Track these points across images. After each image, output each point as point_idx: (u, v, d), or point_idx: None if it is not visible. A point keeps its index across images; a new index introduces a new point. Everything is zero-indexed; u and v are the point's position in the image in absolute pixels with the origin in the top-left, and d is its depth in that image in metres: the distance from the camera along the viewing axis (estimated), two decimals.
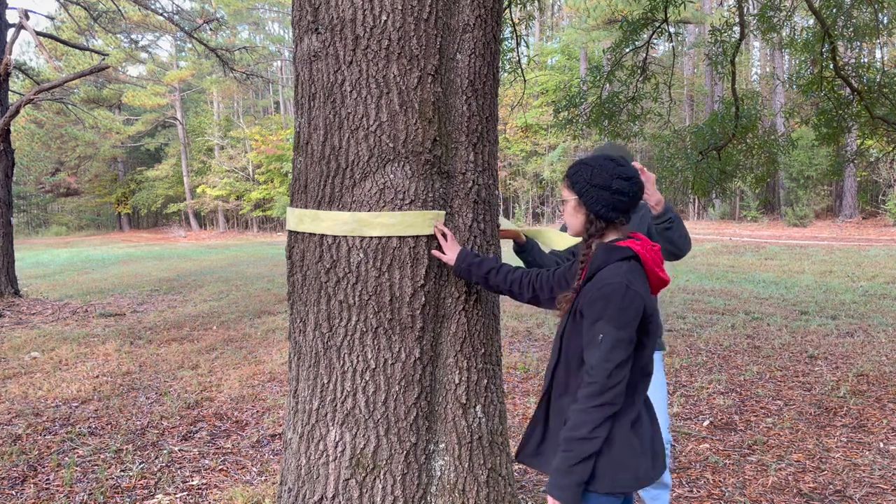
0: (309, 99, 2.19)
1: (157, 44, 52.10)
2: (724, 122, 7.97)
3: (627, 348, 1.66)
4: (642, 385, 1.79)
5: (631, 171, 1.79)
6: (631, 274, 1.70)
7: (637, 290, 1.67)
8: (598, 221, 1.80)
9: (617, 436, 1.71)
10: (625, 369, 1.66)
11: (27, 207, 41.32)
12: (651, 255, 1.75)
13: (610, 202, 1.76)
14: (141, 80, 35.38)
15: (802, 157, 24.62)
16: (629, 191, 1.76)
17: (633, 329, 1.66)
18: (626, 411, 1.73)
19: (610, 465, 1.70)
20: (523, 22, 9.67)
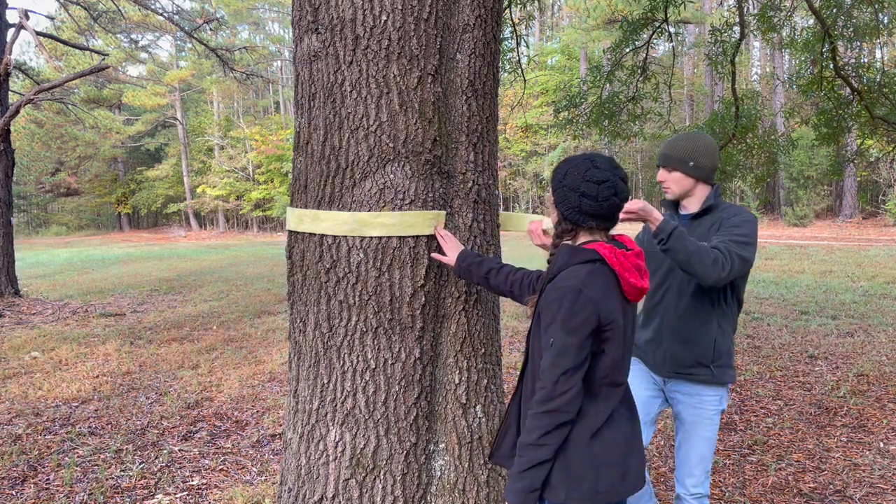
0: (309, 99, 2.19)
1: (157, 44, 52.11)
2: (724, 122, 7.97)
3: (577, 355, 1.60)
4: (608, 394, 1.69)
5: (605, 174, 1.68)
6: (589, 278, 1.62)
7: (591, 296, 1.59)
8: (565, 222, 1.76)
9: (572, 445, 1.65)
10: (574, 377, 1.60)
11: (27, 207, 41.32)
12: (622, 260, 1.66)
13: (576, 204, 1.70)
14: (141, 80, 35.37)
15: (802, 157, 24.63)
16: (597, 195, 1.67)
17: (583, 335, 1.59)
18: (586, 421, 1.66)
19: (565, 475, 1.66)
20: (523, 22, 9.67)
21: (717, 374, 2.31)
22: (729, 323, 2.34)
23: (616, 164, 1.75)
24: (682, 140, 2.39)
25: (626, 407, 1.77)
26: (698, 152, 2.35)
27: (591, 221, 1.71)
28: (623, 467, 1.69)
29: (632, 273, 1.67)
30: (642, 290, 1.69)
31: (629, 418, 1.76)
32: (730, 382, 2.35)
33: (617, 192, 1.70)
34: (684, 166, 2.36)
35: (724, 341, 2.32)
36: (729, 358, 2.33)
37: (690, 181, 2.38)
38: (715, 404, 2.34)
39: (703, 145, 2.35)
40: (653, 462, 3.61)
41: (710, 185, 2.39)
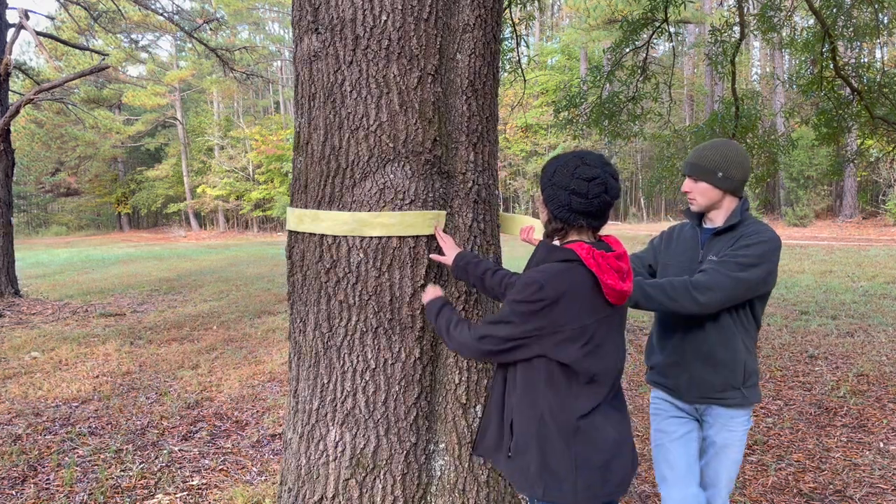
0: (309, 99, 2.19)
1: (157, 44, 52.11)
2: (724, 122, 7.97)
3: (509, 333, 1.64)
4: (584, 393, 1.67)
5: (594, 171, 1.66)
6: (559, 276, 1.62)
7: (548, 295, 1.60)
8: (555, 221, 1.74)
9: (549, 444, 1.67)
10: (497, 346, 1.67)
11: (27, 207, 41.31)
12: (600, 261, 1.63)
13: (566, 203, 1.67)
14: (141, 80, 35.36)
15: (802, 157, 24.63)
16: (588, 192, 1.65)
17: (526, 325, 1.62)
18: (561, 418, 1.67)
19: (543, 472, 1.68)
20: (523, 22, 9.67)
21: (748, 395, 2.23)
22: (753, 342, 2.26)
23: (606, 161, 1.71)
24: (712, 149, 2.24)
25: (612, 408, 1.73)
26: (729, 162, 2.21)
27: (582, 220, 1.69)
28: (606, 470, 1.67)
29: (610, 275, 1.63)
30: (623, 293, 1.66)
31: (617, 420, 1.73)
32: (756, 402, 2.28)
33: (608, 189, 1.67)
34: (712, 177, 2.22)
35: (752, 362, 2.24)
36: (757, 377, 2.27)
37: (718, 193, 2.23)
38: (745, 425, 2.26)
39: (735, 155, 2.22)
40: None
41: (739, 197, 2.25)
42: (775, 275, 2.19)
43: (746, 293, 2.13)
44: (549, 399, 1.68)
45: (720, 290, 2.08)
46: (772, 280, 2.17)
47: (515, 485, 1.79)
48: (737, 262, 2.10)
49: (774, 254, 2.15)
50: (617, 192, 1.71)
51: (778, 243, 2.16)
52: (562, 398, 1.67)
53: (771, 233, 2.18)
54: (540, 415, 1.69)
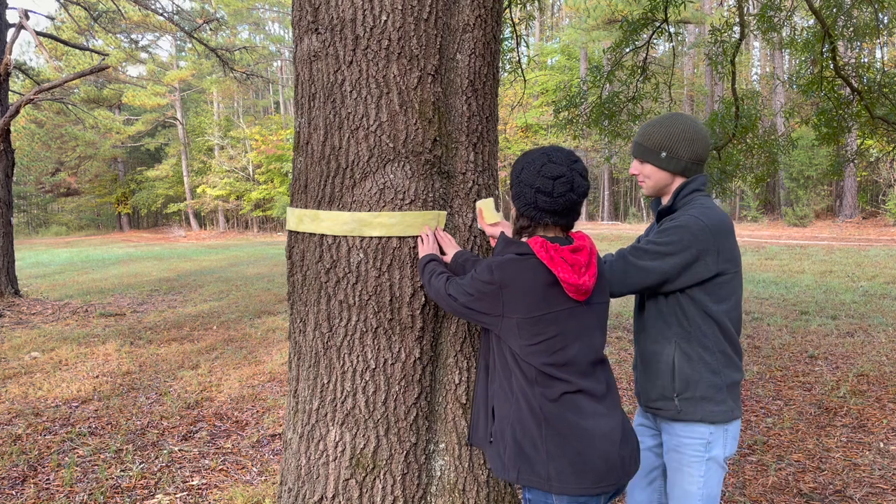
0: (309, 99, 2.19)
1: (157, 44, 52.17)
2: (724, 122, 7.96)
3: (466, 302, 1.72)
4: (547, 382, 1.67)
5: (560, 170, 1.64)
6: (508, 265, 1.64)
7: (496, 280, 1.65)
8: (522, 218, 1.74)
9: (519, 428, 1.70)
10: (457, 308, 1.76)
11: (27, 207, 41.31)
12: (552, 254, 1.61)
13: (532, 201, 1.67)
14: (141, 80, 35.37)
15: (802, 157, 24.64)
16: (553, 190, 1.64)
17: (479, 302, 1.69)
18: (523, 405, 1.68)
19: (516, 455, 1.71)
20: (523, 22, 9.67)
21: (684, 408, 1.91)
22: (697, 347, 1.91)
23: (574, 159, 1.69)
24: (657, 126, 1.99)
25: (590, 400, 1.70)
26: (674, 140, 1.95)
27: (548, 218, 1.69)
28: (580, 462, 1.64)
29: (562, 267, 1.61)
30: (579, 287, 1.63)
31: (593, 413, 1.69)
32: (718, 421, 1.90)
33: (573, 187, 1.66)
34: (656, 158, 1.98)
35: (691, 369, 1.91)
36: (708, 390, 1.90)
37: (665, 175, 1.99)
38: (697, 449, 1.92)
39: (682, 131, 1.95)
40: None
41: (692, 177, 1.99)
42: (709, 264, 1.86)
43: (658, 284, 1.89)
44: (521, 383, 1.70)
45: (615, 279, 1.90)
46: (702, 269, 1.86)
47: (494, 469, 1.81)
48: (645, 249, 1.90)
49: (696, 240, 1.85)
50: (584, 190, 1.69)
51: (700, 227, 1.85)
52: (522, 386, 1.70)
53: (695, 218, 1.88)
54: (516, 398, 1.71)
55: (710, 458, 1.92)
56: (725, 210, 30.97)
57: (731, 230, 1.94)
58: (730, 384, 1.93)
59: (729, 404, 1.92)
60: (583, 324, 1.70)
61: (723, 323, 1.91)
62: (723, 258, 1.87)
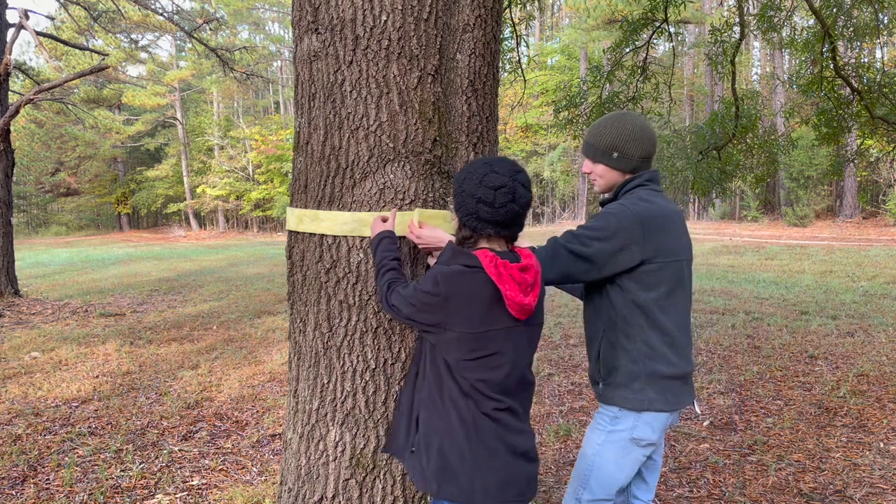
0: (309, 99, 2.19)
1: (157, 44, 52.17)
2: (724, 122, 7.97)
3: (409, 314, 1.70)
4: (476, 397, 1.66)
5: (502, 180, 1.63)
6: (454, 277, 1.63)
7: (441, 292, 1.62)
8: (464, 229, 1.71)
9: (450, 440, 1.69)
10: (399, 318, 1.76)
11: (27, 207, 41.30)
12: (501, 271, 1.59)
13: (473, 211, 1.65)
14: (141, 80, 35.36)
15: (802, 157, 24.64)
16: (494, 201, 1.61)
17: (421, 314, 1.68)
18: (461, 415, 1.67)
19: (441, 468, 1.69)
20: (523, 22, 9.67)
21: (604, 393, 2.00)
22: (620, 335, 1.95)
23: (518, 169, 1.67)
24: (607, 126, 2.02)
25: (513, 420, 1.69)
26: (624, 140, 1.98)
27: (490, 228, 1.66)
28: (506, 476, 1.65)
29: (511, 286, 1.59)
30: (524, 307, 1.62)
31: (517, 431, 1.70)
32: (630, 408, 1.94)
33: (515, 198, 1.63)
34: (608, 159, 2.01)
35: (613, 357, 1.97)
36: (623, 377, 1.95)
37: (617, 174, 2.03)
38: (603, 419, 2.01)
39: (631, 131, 1.98)
40: None
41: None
42: (634, 252, 1.87)
43: (585, 271, 1.90)
44: (453, 394, 1.68)
45: (544, 264, 1.89)
46: (627, 258, 1.88)
47: (414, 481, 1.80)
48: (574, 233, 1.93)
49: (621, 228, 1.87)
50: (526, 200, 1.66)
51: (627, 216, 1.88)
52: (464, 395, 1.68)
53: (622, 206, 1.92)
54: (447, 409, 1.69)
55: (612, 430, 1.98)
56: (725, 210, 30.75)
57: (668, 222, 1.93)
58: (650, 374, 1.93)
59: (647, 394, 1.93)
60: (519, 343, 1.68)
61: (651, 313, 1.92)
62: (649, 247, 1.88)
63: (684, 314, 1.99)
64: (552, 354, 6.05)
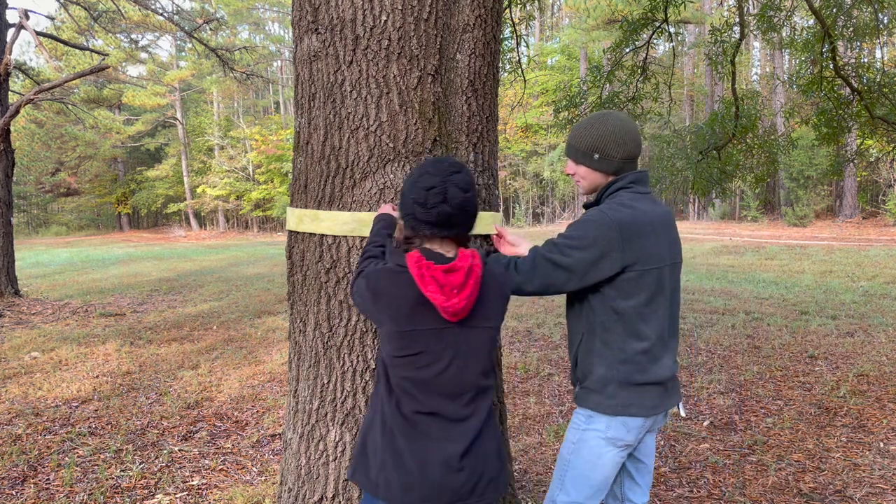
0: (309, 99, 2.19)
1: (157, 44, 52.15)
2: (724, 122, 7.97)
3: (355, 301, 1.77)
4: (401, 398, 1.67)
5: (434, 181, 1.62)
6: (381, 276, 1.67)
7: (369, 288, 1.67)
8: (405, 228, 1.72)
9: (372, 431, 1.72)
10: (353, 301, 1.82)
11: (27, 207, 41.29)
12: (423, 272, 1.59)
13: (410, 211, 1.66)
14: (141, 80, 35.36)
15: (802, 157, 24.64)
16: (426, 201, 1.61)
17: (358, 304, 1.75)
18: (378, 410, 1.71)
19: (360, 455, 1.75)
20: (523, 22, 9.67)
21: (580, 395, 1.99)
22: (597, 341, 1.93)
23: (454, 171, 1.65)
24: (588, 127, 1.97)
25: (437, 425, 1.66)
26: (605, 141, 1.93)
27: (426, 229, 1.65)
28: (410, 480, 1.64)
29: (432, 287, 1.58)
30: (445, 309, 1.60)
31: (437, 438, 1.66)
32: (603, 412, 1.92)
33: (447, 198, 1.61)
34: (589, 160, 1.97)
35: (588, 361, 1.95)
36: (597, 383, 1.93)
37: (600, 176, 1.98)
38: (579, 418, 1.99)
39: (612, 132, 1.93)
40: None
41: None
42: (614, 260, 1.83)
43: (565, 281, 1.86)
44: (383, 390, 1.72)
45: (524, 275, 1.88)
46: (607, 266, 1.84)
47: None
48: (555, 242, 1.89)
49: (601, 236, 1.83)
50: (460, 201, 1.63)
51: (606, 223, 1.83)
52: (389, 392, 1.71)
53: (601, 212, 1.87)
54: (376, 402, 1.74)
55: (587, 429, 1.95)
56: (725, 210, 30.67)
57: (650, 228, 1.88)
58: (624, 381, 1.90)
59: (620, 399, 1.90)
60: (456, 346, 1.65)
61: (629, 320, 1.88)
62: (630, 255, 1.84)
63: (666, 320, 1.95)
64: (552, 354, 6.05)
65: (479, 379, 1.69)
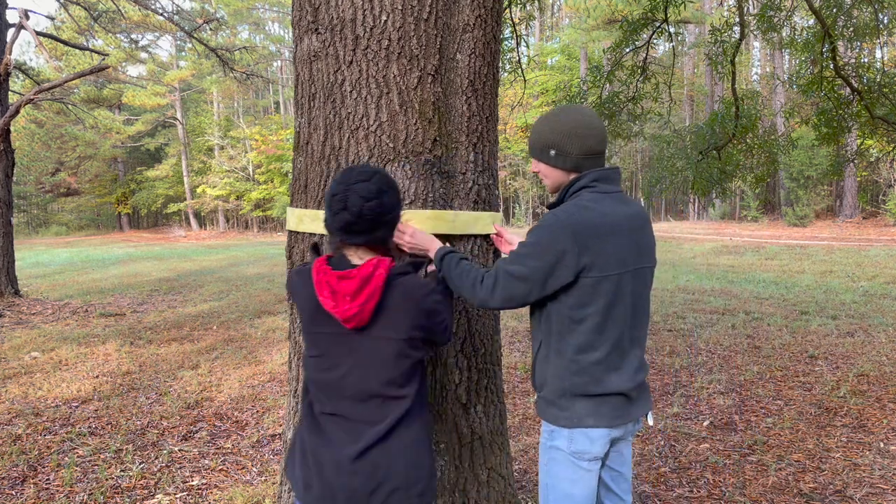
0: (309, 99, 2.19)
1: (157, 44, 52.18)
2: (724, 122, 7.97)
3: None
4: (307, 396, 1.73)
5: (336, 187, 1.64)
6: (294, 277, 1.75)
7: (288, 288, 1.78)
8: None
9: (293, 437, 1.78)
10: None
11: (27, 207, 41.30)
12: (319, 277, 1.62)
13: (325, 217, 1.70)
14: (141, 80, 35.36)
15: (802, 157, 24.65)
16: (330, 207, 1.65)
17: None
18: (304, 406, 1.76)
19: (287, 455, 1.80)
20: (523, 22, 9.68)
21: (538, 405, 1.90)
22: (552, 350, 1.84)
23: (360, 179, 1.64)
24: (545, 122, 1.87)
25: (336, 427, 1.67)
26: (560, 136, 1.82)
27: (335, 236, 1.68)
28: (308, 480, 1.66)
29: (324, 292, 1.61)
30: (335, 314, 1.61)
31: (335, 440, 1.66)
32: (561, 425, 1.83)
33: (347, 206, 1.61)
34: (546, 157, 1.87)
35: (544, 371, 1.87)
36: (551, 393, 1.84)
37: (559, 173, 1.87)
38: (544, 439, 1.90)
39: (567, 126, 1.82)
40: (653, 462, 3.62)
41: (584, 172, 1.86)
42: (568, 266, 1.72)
43: (526, 293, 1.77)
44: (303, 385, 1.78)
45: (486, 290, 1.80)
46: (563, 273, 1.73)
47: None
48: (515, 252, 1.81)
49: (553, 241, 1.73)
50: (360, 209, 1.61)
51: (559, 227, 1.74)
52: (305, 393, 1.75)
53: (555, 216, 1.77)
54: (302, 401, 1.79)
55: (551, 446, 1.87)
56: (725, 210, 30.59)
57: (609, 231, 1.76)
58: (577, 392, 1.80)
59: (576, 411, 1.80)
60: (357, 353, 1.65)
61: (584, 329, 1.78)
62: (585, 260, 1.73)
63: (627, 329, 1.83)
64: None
65: (385, 388, 1.64)
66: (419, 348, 1.68)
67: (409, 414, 1.67)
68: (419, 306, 1.65)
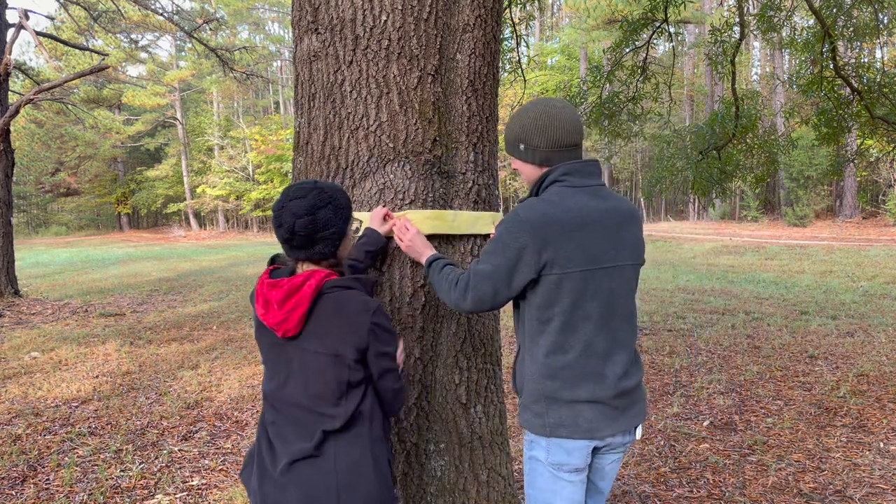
0: (309, 99, 2.19)
1: (157, 44, 52.17)
2: (724, 122, 7.97)
3: None
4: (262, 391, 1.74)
5: (279, 202, 1.64)
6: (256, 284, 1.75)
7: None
8: None
9: None
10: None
11: (27, 207, 41.30)
12: (259, 288, 1.66)
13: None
14: (141, 80, 35.36)
15: (802, 157, 24.65)
16: (274, 222, 1.65)
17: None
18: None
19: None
20: (523, 22, 9.67)
21: (519, 409, 1.83)
22: (527, 354, 1.78)
23: (297, 196, 1.61)
24: (514, 118, 1.82)
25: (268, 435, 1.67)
26: (527, 130, 1.76)
27: (284, 246, 1.68)
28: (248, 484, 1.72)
29: (258, 300, 1.65)
30: (267, 322, 1.62)
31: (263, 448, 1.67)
32: (536, 433, 1.76)
33: (281, 222, 1.62)
34: (516, 151, 1.82)
35: (521, 375, 1.82)
36: (527, 398, 1.77)
37: (530, 167, 1.81)
38: (525, 449, 1.83)
39: (534, 119, 1.76)
40: (653, 462, 3.62)
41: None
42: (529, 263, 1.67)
43: (494, 294, 1.72)
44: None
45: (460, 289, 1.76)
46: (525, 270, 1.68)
47: None
48: (483, 249, 1.77)
49: (514, 238, 1.67)
50: (291, 226, 1.60)
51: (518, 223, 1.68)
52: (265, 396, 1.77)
53: (515, 212, 1.71)
54: None
55: (531, 456, 1.80)
56: (725, 210, 30.59)
57: (578, 225, 1.68)
58: (550, 397, 1.72)
59: (549, 419, 1.72)
60: (291, 364, 1.63)
61: (552, 330, 1.71)
62: (547, 256, 1.65)
63: (602, 331, 1.72)
64: None
65: (313, 403, 1.60)
66: (353, 368, 1.59)
67: (345, 435, 1.60)
68: (350, 321, 1.59)
